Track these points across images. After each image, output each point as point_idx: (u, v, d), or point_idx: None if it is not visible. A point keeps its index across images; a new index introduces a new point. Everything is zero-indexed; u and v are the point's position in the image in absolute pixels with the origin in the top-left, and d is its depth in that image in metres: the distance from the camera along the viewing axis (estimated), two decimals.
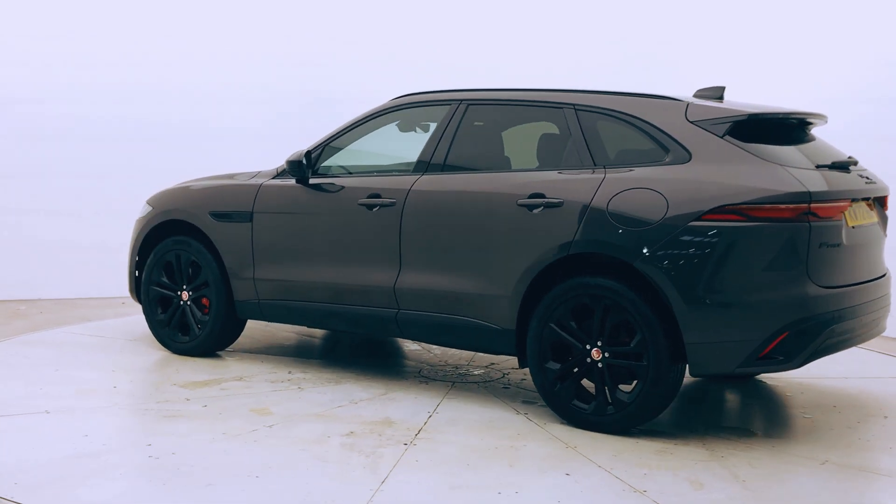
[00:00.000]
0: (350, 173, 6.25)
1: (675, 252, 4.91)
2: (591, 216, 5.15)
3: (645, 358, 5.01)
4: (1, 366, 6.40)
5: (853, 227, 5.18)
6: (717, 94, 5.60)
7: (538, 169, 5.55)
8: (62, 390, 5.74)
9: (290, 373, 6.35)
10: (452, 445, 4.87)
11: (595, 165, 5.31)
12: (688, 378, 6.16)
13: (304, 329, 7.69)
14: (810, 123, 5.60)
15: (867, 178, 5.43)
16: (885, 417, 5.61)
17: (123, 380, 6.05)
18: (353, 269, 6.00)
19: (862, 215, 5.31)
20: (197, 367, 6.45)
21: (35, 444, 4.77)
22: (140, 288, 7.01)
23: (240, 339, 7.10)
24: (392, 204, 5.81)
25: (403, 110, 6.18)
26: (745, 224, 4.82)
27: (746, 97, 6.01)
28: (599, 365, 5.15)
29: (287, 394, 5.80)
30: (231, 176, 6.79)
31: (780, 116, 5.38)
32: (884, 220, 5.66)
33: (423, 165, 5.87)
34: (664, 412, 5.28)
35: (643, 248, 4.98)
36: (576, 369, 5.24)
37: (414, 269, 5.76)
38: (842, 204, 5.04)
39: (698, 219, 4.89)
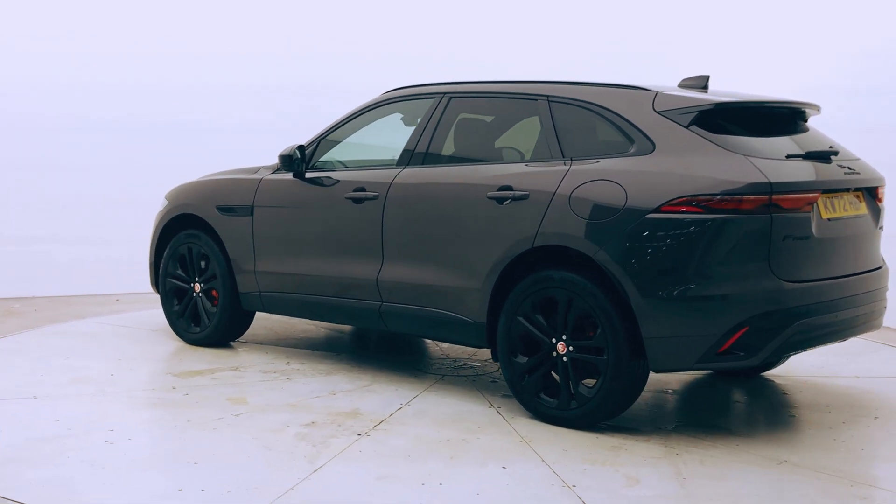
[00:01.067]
0: (344, 167, 6.32)
1: (633, 245, 4.83)
2: (554, 208, 5.10)
3: (606, 353, 4.93)
4: (18, 354, 6.68)
5: (829, 220, 4.99)
6: (701, 83, 5.47)
7: (510, 161, 5.52)
8: (60, 378, 5.97)
9: (287, 363, 6.46)
10: (404, 437, 4.89)
11: (563, 157, 5.26)
12: (688, 375, 6.06)
13: (327, 323, 7.79)
14: (794, 112, 5.42)
15: (850, 168, 5.22)
16: (876, 419, 5.39)
17: (124, 368, 6.25)
18: (341, 262, 6.08)
19: (843, 207, 5.12)
20: (202, 357, 6.61)
21: (5, 427, 4.98)
22: (159, 280, 7.23)
23: (259, 330, 7.27)
24: (375, 197, 5.86)
25: (395, 104, 6.22)
26: (703, 216, 4.70)
27: (751, 89, 5.87)
28: (564, 359, 5.10)
29: (272, 384, 5.91)
30: (243, 171, 6.94)
31: (752, 105, 5.23)
32: (876, 212, 5.43)
33: (406, 159, 5.90)
34: (648, 408, 5.20)
35: (601, 241, 4.91)
36: (543, 363, 5.19)
37: (395, 261, 5.80)
38: (810, 195, 4.86)
39: (656, 211, 4.79)
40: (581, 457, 4.64)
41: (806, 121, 5.53)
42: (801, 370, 6.42)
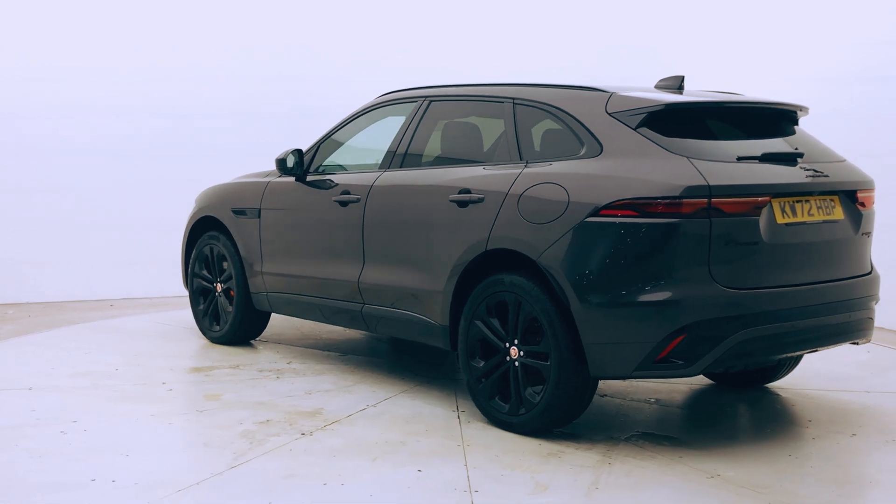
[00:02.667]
0: (340, 171, 6.42)
1: (572, 248, 4.74)
2: (504, 212, 5.06)
3: (549, 358, 4.86)
4: (52, 347, 7.07)
5: (787, 225, 4.76)
6: (675, 83, 5.32)
7: (473, 164, 5.50)
8: (66, 371, 6.29)
9: (289, 363, 6.60)
10: (344, 438, 4.93)
11: (521, 160, 5.20)
12: (686, 385, 5.90)
13: None
14: (761, 112, 5.21)
15: (817, 171, 4.95)
16: (853, 436, 5.10)
17: (132, 364, 6.52)
18: (329, 264, 6.18)
19: (807, 212, 4.87)
20: (214, 354, 6.84)
21: None
22: (188, 279, 7.51)
23: (287, 330, 7.48)
24: (357, 200, 5.94)
25: (388, 107, 6.27)
26: (639, 220, 4.57)
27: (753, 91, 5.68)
28: (516, 364, 5.04)
29: (258, 382, 6.05)
30: (258, 174, 7.13)
31: (708, 105, 5.05)
32: (856, 217, 5.13)
33: (387, 162, 5.95)
34: (616, 415, 5.13)
35: (544, 245, 4.84)
36: (497, 368, 5.15)
37: (373, 264, 5.86)
38: (757, 199, 4.65)
39: (595, 214, 4.69)
40: (507, 462, 4.57)
41: (781, 121, 5.29)
42: (812, 383, 6.14)
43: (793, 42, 9.27)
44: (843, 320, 5.03)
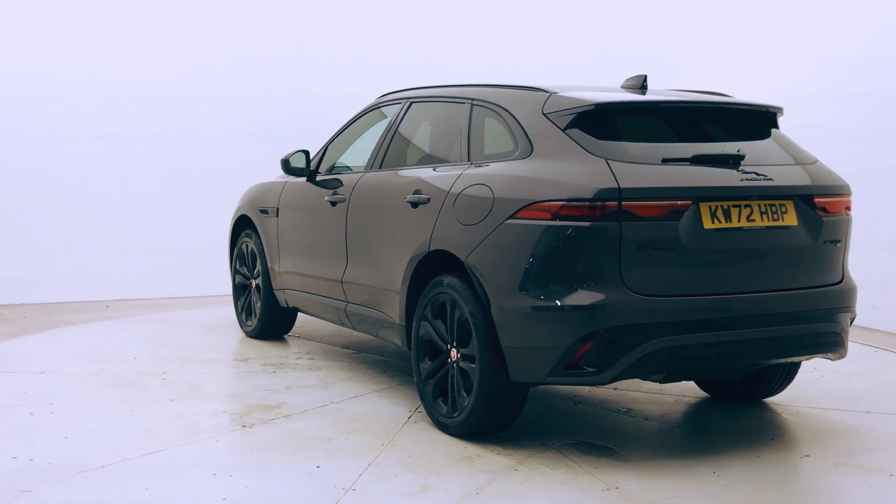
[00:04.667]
0: (346, 170, 6.54)
1: (493, 250, 4.69)
2: (443, 213, 5.06)
3: (475, 361, 4.82)
4: (96, 334, 7.54)
5: (717, 230, 4.53)
6: (637, 83, 5.17)
7: (428, 165, 5.50)
8: (90, 357, 6.70)
9: (297, 359, 6.79)
10: (281, 432, 5.04)
11: (469, 160, 5.18)
12: (669, 394, 5.72)
13: None
14: (708, 112, 5.00)
15: (760, 174, 4.67)
16: (806, 457, 4.78)
17: (153, 354, 6.85)
18: (323, 262, 6.33)
19: (746, 217, 4.61)
20: (236, 347, 7.12)
21: None
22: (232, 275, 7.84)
23: (325, 327, 7.78)
24: (343, 200, 6.06)
25: (381, 108, 6.36)
26: (551, 223, 4.47)
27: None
28: (455, 366, 5.03)
29: (250, 376, 6.25)
30: (284, 175, 7.35)
31: (643, 105, 4.87)
32: (814, 223, 4.80)
33: (371, 163, 6.03)
34: (575, 422, 5.11)
35: (470, 246, 4.81)
36: (440, 369, 5.14)
37: (353, 263, 5.96)
38: (676, 203, 4.45)
39: (513, 217, 4.62)
40: (413, 464, 4.56)
41: (739, 121, 5.03)
42: (818, 401, 5.79)
43: (795, 42, 8.88)
44: (796, 333, 4.73)
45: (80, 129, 9.79)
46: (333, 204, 6.14)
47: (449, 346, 5.04)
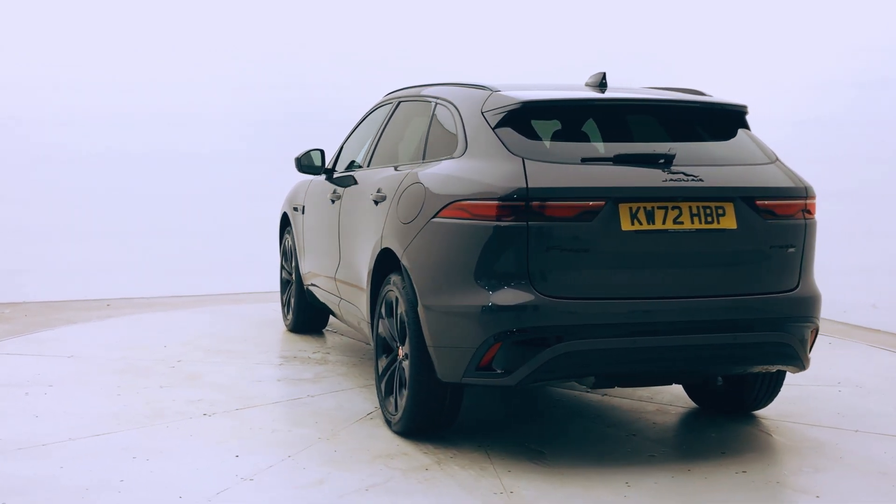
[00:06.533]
0: (356, 168, 6.65)
1: (421, 249, 4.70)
2: (390, 211, 5.10)
3: (409, 359, 4.84)
4: (146, 325, 7.96)
5: (636, 232, 4.37)
6: (596, 80, 5.06)
7: (395, 163, 5.54)
8: (127, 344, 7.08)
9: (314, 353, 6.95)
10: (236, 421, 5.19)
11: (423, 159, 5.20)
12: (657, 403, 5.58)
13: None
14: (639, 109, 4.86)
15: (688, 175, 4.46)
16: (744, 472, 4.53)
17: (187, 344, 7.16)
18: (326, 259, 6.47)
19: (672, 219, 4.42)
20: (271, 341, 7.35)
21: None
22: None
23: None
24: (339, 198, 6.18)
25: (382, 107, 6.42)
26: (466, 222, 4.45)
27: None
28: (400, 364, 5.06)
29: (258, 367, 6.45)
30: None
31: (571, 102, 4.76)
32: (759, 227, 4.53)
33: (364, 162, 6.13)
34: (533, 427, 5.11)
35: (404, 245, 4.83)
36: (390, 367, 5.18)
37: (342, 260, 6.07)
38: (588, 203, 4.32)
39: (437, 215, 4.62)
40: (332, 459, 4.61)
41: (684, 119, 4.84)
42: (810, 417, 5.47)
43: (795, 44, 8.39)
44: (734, 342, 4.49)
45: (82, 131, 10.06)
46: (332, 202, 6.27)
47: (397, 345, 5.06)
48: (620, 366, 4.44)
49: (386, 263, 5.21)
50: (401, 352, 5.01)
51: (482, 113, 4.79)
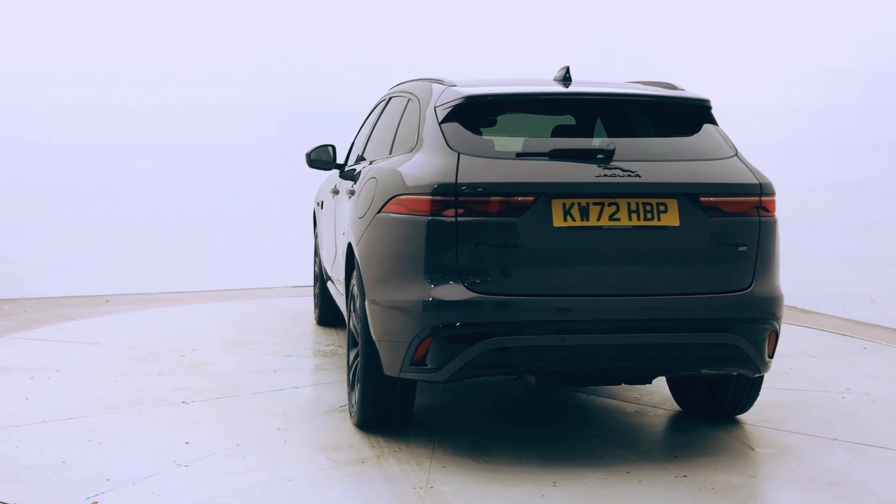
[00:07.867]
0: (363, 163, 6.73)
1: (367, 243, 4.75)
2: (352, 206, 5.16)
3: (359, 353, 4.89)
4: (186, 318, 8.23)
5: (569, 228, 4.30)
6: (560, 75, 5.01)
7: (373, 158, 5.59)
8: (153, 333, 7.38)
9: (326, 346, 7.07)
10: (206, 410, 5.33)
11: (389, 154, 5.25)
12: (647, 404, 5.51)
13: None
14: (585, 103, 4.77)
15: (625, 170, 4.35)
16: (684, 476, 4.39)
17: (210, 335, 7.38)
18: (328, 254, 6.58)
19: (609, 215, 4.33)
20: (292, 333, 7.51)
21: (16, 355, 6.56)
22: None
23: None
24: (337, 193, 6.28)
25: (383, 101, 6.47)
26: (403, 216, 4.47)
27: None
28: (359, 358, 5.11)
29: (264, 359, 6.60)
30: None
31: (519, 97, 4.72)
32: (704, 224, 4.40)
33: (360, 156, 6.21)
34: (500, 425, 5.13)
35: (357, 239, 4.89)
36: (356, 359, 5.23)
37: (337, 255, 6.16)
38: (516, 199, 4.27)
39: (381, 210, 4.66)
40: (275, 449, 4.66)
41: (633, 113, 4.73)
42: (790, 423, 5.26)
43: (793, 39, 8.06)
44: (674, 342, 4.37)
45: (81, 126, 10.11)
46: (333, 197, 6.37)
47: (359, 339, 5.11)
48: (550, 363, 4.37)
49: (352, 258, 5.27)
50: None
51: (434, 108, 4.79)
